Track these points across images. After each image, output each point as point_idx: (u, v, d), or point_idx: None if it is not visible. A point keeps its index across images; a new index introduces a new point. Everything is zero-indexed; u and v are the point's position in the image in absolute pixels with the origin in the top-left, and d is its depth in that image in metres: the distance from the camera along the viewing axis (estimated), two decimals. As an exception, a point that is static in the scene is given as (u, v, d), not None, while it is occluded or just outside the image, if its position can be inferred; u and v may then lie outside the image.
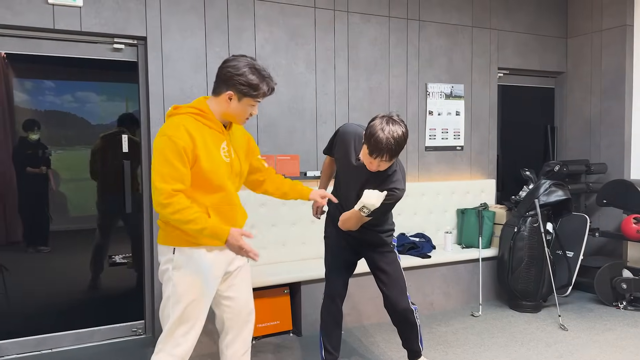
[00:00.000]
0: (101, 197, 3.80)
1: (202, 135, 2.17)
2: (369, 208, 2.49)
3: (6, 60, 3.47)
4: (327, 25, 4.30)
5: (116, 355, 3.48)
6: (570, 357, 3.38)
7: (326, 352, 2.93)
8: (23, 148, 3.58)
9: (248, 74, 2.18)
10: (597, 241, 5.16)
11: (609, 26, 5.10)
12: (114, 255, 3.86)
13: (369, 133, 2.45)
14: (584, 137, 5.37)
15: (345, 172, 2.77)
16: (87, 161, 3.74)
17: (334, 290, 2.92)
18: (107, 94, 3.77)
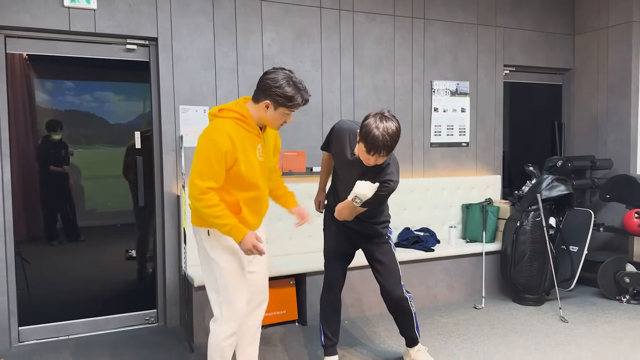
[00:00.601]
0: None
1: (242, 140, 2.44)
2: (360, 198, 2.62)
3: (28, 62, 3.66)
4: (332, 25, 4.42)
5: (129, 342, 3.65)
6: (567, 347, 3.45)
7: (325, 338, 3.06)
8: (46, 147, 3.78)
9: (285, 87, 2.44)
10: (603, 236, 5.20)
11: (616, 23, 5.12)
12: (130, 249, 4.03)
13: (364, 132, 2.57)
14: (591, 133, 5.41)
15: (341, 167, 2.90)
16: (105, 159, 3.92)
17: (332, 279, 3.04)
18: (124, 93, 3.94)
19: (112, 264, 3.96)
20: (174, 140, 3.91)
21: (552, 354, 3.34)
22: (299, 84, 2.50)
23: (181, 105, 3.93)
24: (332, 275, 3.06)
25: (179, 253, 3.94)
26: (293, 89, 2.46)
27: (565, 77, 5.68)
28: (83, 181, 3.89)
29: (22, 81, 3.66)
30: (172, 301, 3.98)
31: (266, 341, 3.61)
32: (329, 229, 3.12)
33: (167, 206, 3.93)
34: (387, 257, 3.00)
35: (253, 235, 2.45)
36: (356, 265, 3.50)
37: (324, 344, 3.08)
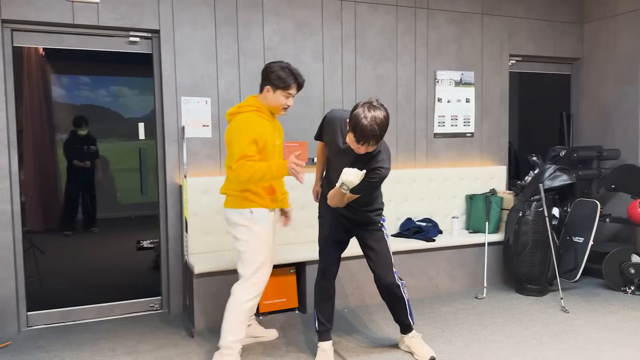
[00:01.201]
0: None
1: (264, 127, 2.94)
2: (347, 185, 2.65)
3: (44, 58, 3.76)
4: (334, 16, 4.44)
5: (132, 327, 3.74)
6: (565, 337, 3.44)
7: (319, 324, 3.11)
8: (72, 142, 3.91)
9: (279, 71, 2.94)
10: (610, 228, 5.14)
11: (625, 10, 5.04)
12: (141, 240, 4.12)
13: (353, 122, 2.60)
14: (599, 123, 5.34)
15: (334, 155, 2.93)
16: (119, 152, 4.03)
17: (326, 266, 3.08)
18: (139, 87, 4.03)
19: (123, 253, 4.06)
20: (176, 131, 3.98)
21: (549, 343, 3.33)
22: (292, 70, 2.98)
23: (183, 96, 3.99)
24: (325, 263, 3.10)
25: (182, 242, 4.02)
26: (286, 73, 2.95)
27: (574, 67, 5.61)
28: (104, 173, 4.03)
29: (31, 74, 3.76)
30: (176, 288, 4.06)
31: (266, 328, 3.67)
32: (323, 217, 3.16)
33: (169, 196, 4.00)
34: (379, 244, 3.04)
35: (288, 161, 2.77)
36: (356, 255, 3.53)
37: (317, 329, 3.12)
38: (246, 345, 3.36)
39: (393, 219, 4.61)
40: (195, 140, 4.05)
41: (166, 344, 3.44)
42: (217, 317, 3.70)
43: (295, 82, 2.97)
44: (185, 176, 3.83)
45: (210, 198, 4.01)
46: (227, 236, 4.09)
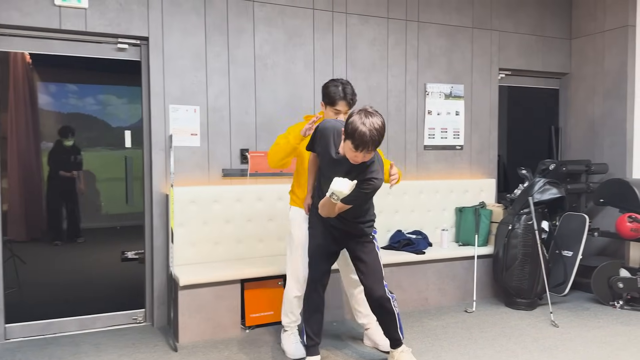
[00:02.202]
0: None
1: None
2: (337, 195, 2.61)
3: (31, 65, 3.69)
4: (325, 26, 4.42)
5: (114, 340, 3.64)
6: (555, 351, 3.41)
7: (307, 338, 3.04)
8: (57, 152, 3.82)
9: (330, 87, 3.15)
10: (599, 242, 5.15)
11: (612, 27, 5.10)
12: (126, 251, 4.03)
13: (350, 129, 2.56)
14: (587, 137, 5.37)
15: (326, 166, 2.89)
16: (105, 161, 3.95)
17: (315, 278, 3.03)
18: (127, 96, 3.96)
19: (107, 264, 3.96)
20: (163, 140, 3.92)
21: (539, 357, 3.30)
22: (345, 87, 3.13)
23: (171, 104, 3.94)
24: (315, 275, 3.04)
25: (167, 253, 3.93)
26: (335, 90, 3.12)
27: (562, 82, 5.66)
28: (89, 183, 3.94)
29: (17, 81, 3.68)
30: (160, 301, 3.97)
31: (253, 342, 3.59)
32: (314, 228, 3.10)
33: (155, 205, 3.93)
34: (370, 257, 2.99)
35: (305, 127, 3.04)
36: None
37: (306, 343, 3.05)
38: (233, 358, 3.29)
39: (383, 230, 4.57)
40: (183, 149, 3.98)
41: (148, 358, 3.35)
42: (203, 331, 3.62)
43: (342, 99, 3.09)
44: (172, 185, 3.76)
45: (197, 208, 3.94)
46: (214, 248, 4.02)
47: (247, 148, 4.18)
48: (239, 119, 4.15)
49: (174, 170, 3.89)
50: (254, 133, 4.20)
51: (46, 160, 3.78)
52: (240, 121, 4.15)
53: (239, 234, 4.09)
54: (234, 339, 3.66)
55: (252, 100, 4.19)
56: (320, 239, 3.06)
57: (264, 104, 4.22)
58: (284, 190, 4.22)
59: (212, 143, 4.07)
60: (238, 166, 4.16)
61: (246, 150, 4.17)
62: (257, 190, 4.14)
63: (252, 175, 4.19)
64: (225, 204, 4.03)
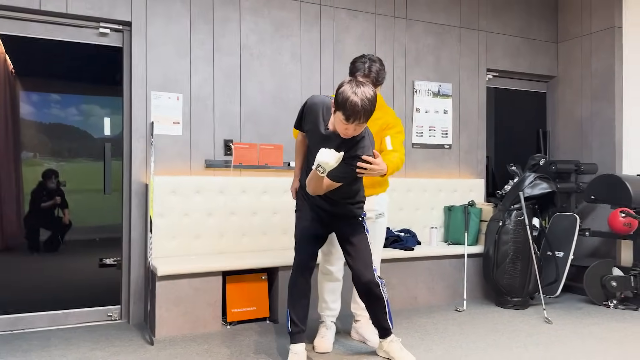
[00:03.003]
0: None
1: None
2: (323, 167, 2.48)
3: (14, 74, 3.56)
4: (313, 19, 4.36)
5: (88, 336, 3.42)
6: (550, 346, 3.27)
7: (292, 324, 2.87)
8: (40, 193, 3.67)
9: (357, 62, 3.07)
10: (590, 243, 5.07)
11: (598, 29, 5.12)
12: (104, 258, 3.84)
13: (341, 99, 2.45)
14: (575, 139, 5.33)
15: (315, 143, 2.76)
16: (85, 172, 3.79)
17: (302, 261, 2.87)
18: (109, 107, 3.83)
19: (84, 269, 3.78)
20: (144, 127, 3.78)
21: (534, 351, 3.15)
22: (372, 65, 3.04)
23: (153, 91, 3.81)
24: (302, 258, 2.88)
25: (145, 244, 3.75)
26: (361, 64, 3.06)
27: (550, 85, 5.65)
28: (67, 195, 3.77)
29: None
30: (137, 296, 3.77)
31: (234, 339, 3.40)
32: (301, 210, 2.96)
33: (134, 195, 3.76)
34: (359, 239, 2.86)
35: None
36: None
37: (290, 330, 2.88)
38: (213, 352, 3.09)
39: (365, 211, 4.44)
40: (165, 138, 3.85)
41: (122, 351, 3.14)
42: (181, 325, 3.43)
43: (365, 76, 2.99)
44: (152, 174, 3.61)
45: (178, 199, 3.78)
46: (195, 241, 3.86)
47: (231, 139, 4.05)
48: (224, 108, 4.03)
49: (154, 159, 3.76)
50: (239, 124, 4.08)
51: (27, 168, 3.63)
52: (224, 111, 4.03)
53: (221, 227, 3.93)
54: (214, 334, 3.47)
55: (237, 90, 4.08)
56: (306, 222, 2.92)
57: (249, 94, 4.12)
58: (269, 183, 4.09)
59: (195, 132, 3.94)
60: (222, 157, 4.03)
61: (230, 141, 4.04)
62: (242, 182, 4.01)
63: (236, 167, 4.05)
64: (207, 195, 3.88)
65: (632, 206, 4.10)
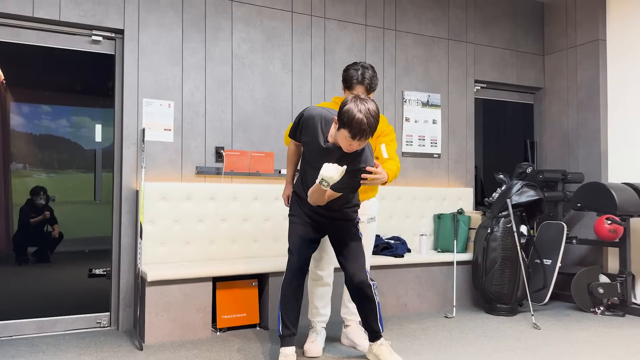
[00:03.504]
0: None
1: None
2: (327, 181, 2.52)
3: (4, 85, 3.57)
4: (304, 29, 4.43)
5: (77, 342, 3.40)
6: (539, 350, 3.29)
7: (284, 327, 2.87)
8: (29, 210, 3.67)
9: (350, 70, 3.11)
10: (578, 252, 5.12)
11: (583, 41, 5.23)
12: (94, 268, 3.82)
13: (347, 118, 2.47)
14: (562, 150, 5.42)
15: (314, 155, 2.78)
16: (76, 183, 3.79)
17: (297, 265, 2.88)
18: (102, 118, 3.85)
19: (73, 279, 3.76)
20: (135, 133, 3.80)
21: (523, 355, 3.18)
22: (365, 72, 3.06)
23: (145, 98, 3.84)
24: (298, 262, 2.89)
25: (135, 251, 3.75)
26: (354, 73, 3.09)
27: (536, 96, 5.75)
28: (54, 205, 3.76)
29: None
30: (127, 303, 3.76)
31: (224, 345, 3.40)
32: (296, 215, 2.98)
33: (125, 201, 3.77)
34: (353, 241, 2.90)
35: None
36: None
37: (281, 333, 2.88)
38: (202, 358, 3.08)
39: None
40: (156, 144, 3.87)
41: (111, 356, 3.12)
42: (170, 331, 3.42)
43: (360, 84, 3.05)
44: (143, 180, 3.62)
45: (168, 205, 3.80)
46: (185, 247, 3.86)
47: (223, 146, 4.08)
48: (215, 116, 4.07)
49: (145, 165, 3.77)
50: (230, 131, 4.12)
51: (17, 180, 3.63)
52: (216, 118, 4.07)
53: (211, 234, 3.94)
54: (203, 340, 3.46)
55: (229, 98, 4.12)
56: (302, 226, 2.94)
57: (240, 102, 4.16)
58: (260, 190, 4.11)
59: (186, 139, 3.97)
60: (213, 164, 4.05)
61: (222, 148, 4.07)
62: (232, 189, 4.03)
63: (227, 174, 4.07)
64: (198, 202, 3.90)
65: (617, 213, 4.16)
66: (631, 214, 4.22)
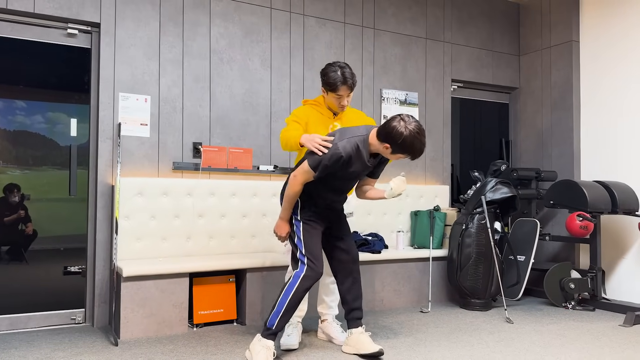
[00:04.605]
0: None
1: (309, 115, 3.17)
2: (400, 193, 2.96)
3: None
4: (283, 26, 4.44)
5: (50, 338, 3.35)
6: (510, 342, 3.36)
7: (280, 325, 2.82)
8: (2, 208, 3.60)
9: (329, 74, 3.08)
10: (551, 248, 5.23)
11: (557, 42, 5.35)
12: (69, 266, 3.78)
13: (405, 143, 2.70)
14: (536, 149, 5.53)
15: (344, 176, 2.89)
16: (51, 180, 3.73)
17: (317, 275, 2.90)
18: (78, 114, 3.80)
19: (48, 275, 3.70)
20: (111, 128, 3.77)
21: (495, 347, 3.24)
22: (345, 72, 3.06)
23: (121, 92, 3.81)
24: (320, 265, 2.92)
25: (111, 247, 3.72)
26: (335, 77, 3.05)
27: (512, 96, 5.85)
28: (29, 203, 3.69)
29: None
30: (102, 299, 3.72)
31: (200, 340, 3.39)
32: (312, 219, 2.96)
33: (100, 197, 3.74)
34: (345, 223, 3.20)
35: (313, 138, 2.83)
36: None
37: (275, 330, 2.83)
38: (179, 352, 3.08)
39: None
40: (132, 139, 3.84)
41: (85, 352, 3.09)
42: (146, 327, 3.40)
43: (343, 84, 3.05)
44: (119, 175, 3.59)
45: (145, 200, 3.77)
46: (162, 242, 3.84)
47: (200, 142, 4.07)
48: (193, 111, 4.05)
49: (121, 160, 3.74)
50: (208, 127, 4.11)
51: None
52: (193, 114, 4.06)
53: (188, 230, 3.93)
54: (180, 335, 3.45)
55: (207, 93, 4.11)
56: (318, 231, 2.99)
57: (219, 98, 4.16)
58: (238, 186, 4.11)
59: (163, 134, 3.95)
60: (190, 160, 4.04)
61: (199, 144, 4.06)
62: (210, 184, 4.02)
63: (204, 170, 4.06)
64: (174, 197, 3.88)
65: (588, 210, 4.27)
66: (601, 210, 4.32)
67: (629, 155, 4.75)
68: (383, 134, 2.73)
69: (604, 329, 3.71)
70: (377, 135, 2.77)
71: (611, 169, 4.89)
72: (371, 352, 2.96)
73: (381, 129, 2.74)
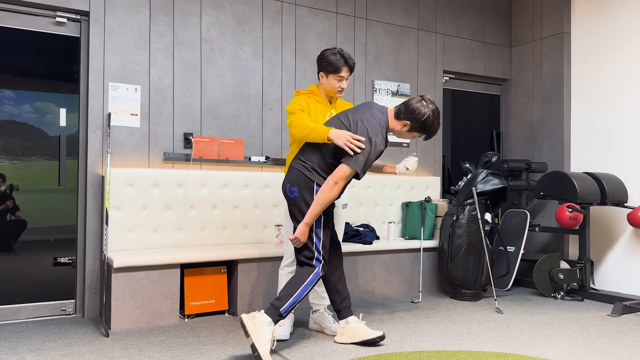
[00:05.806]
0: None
1: (310, 105, 3.14)
2: (410, 170, 3.11)
3: None
4: (274, 15, 4.41)
5: (40, 329, 3.34)
6: (500, 332, 3.39)
7: (289, 311, 2.82)
8: None
9: (329, 56, 3.10)
10: (540, 239, 5.28)
11: (549, 34, 5.36)
12: (59, 257, 3.75)
13: (424, 120, 2.85)
14: (527, 140, 5.56)
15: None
16: (40, 171, 3.69)
17: (324, 269, 2.97)
18: (67, 104, 3.75)
19: (38, 267, 3.67)
20: (101, 118, 3.74)
21: (485, 337, 3.27)
22: (343, 54, 3.11)
23: (111, 82, 3.77)
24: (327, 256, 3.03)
25: (101, 238, 3.70)
26: (336, 58, 3.08)
27: (503, 88, 5.86)
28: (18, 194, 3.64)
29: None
30: (93, 290, 3.71)
31: (192, 331, 3.39)
32: (328, 220, 2.97)
33: (90, 187, 3.71)
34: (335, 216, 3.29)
35: (344, 135, 2.79)
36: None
37: (282, 314, 2.79)
38: (170, 343, 3.08)
39: (329, 223, 4.50)
40: (122, 129, 3.81)
41: (76, 342, 3.08)
42: (137, 318, 3.39)
43: (345, 65, 3.08)
44: (109, 166, 3.56)
45: (135, 191, 3.75)
46: (153, 234, 3.83)
47: (192, 132, 4.05)
48: (183, 101, 4.02)
49: (111, 151, 3.71)
50: (199, 117, 4.08)
51: None
52: (184, 104, 4.03)
53: (180, 221, 3.91)
54: (171, 326, 3.44)
55: (198, 83, 4.08)
56: (328, 232, 2.99)
57: (210, 88, 4.13)
58: (229, 177, 4.10)
59: (154, 124, 3.92)
60: (181, 150, 4.01)
61: (190, 134, 4.03)
62: (201, 175, 4.00)
63: (195, 161, 4.04)
64: (166, 188, 3.86)
65: (577, 201, 4.30)
66: (591, 202, 4.36)
67: (618, 147, 4.79)
68: (405, 112, 2.86)
69: (593, 319, 3.76)
70: (396, 115, 2.90)
71: (601, 161, 4.92)
72: (374, 337, 3.01)
73: (403, 108, 2.88)
